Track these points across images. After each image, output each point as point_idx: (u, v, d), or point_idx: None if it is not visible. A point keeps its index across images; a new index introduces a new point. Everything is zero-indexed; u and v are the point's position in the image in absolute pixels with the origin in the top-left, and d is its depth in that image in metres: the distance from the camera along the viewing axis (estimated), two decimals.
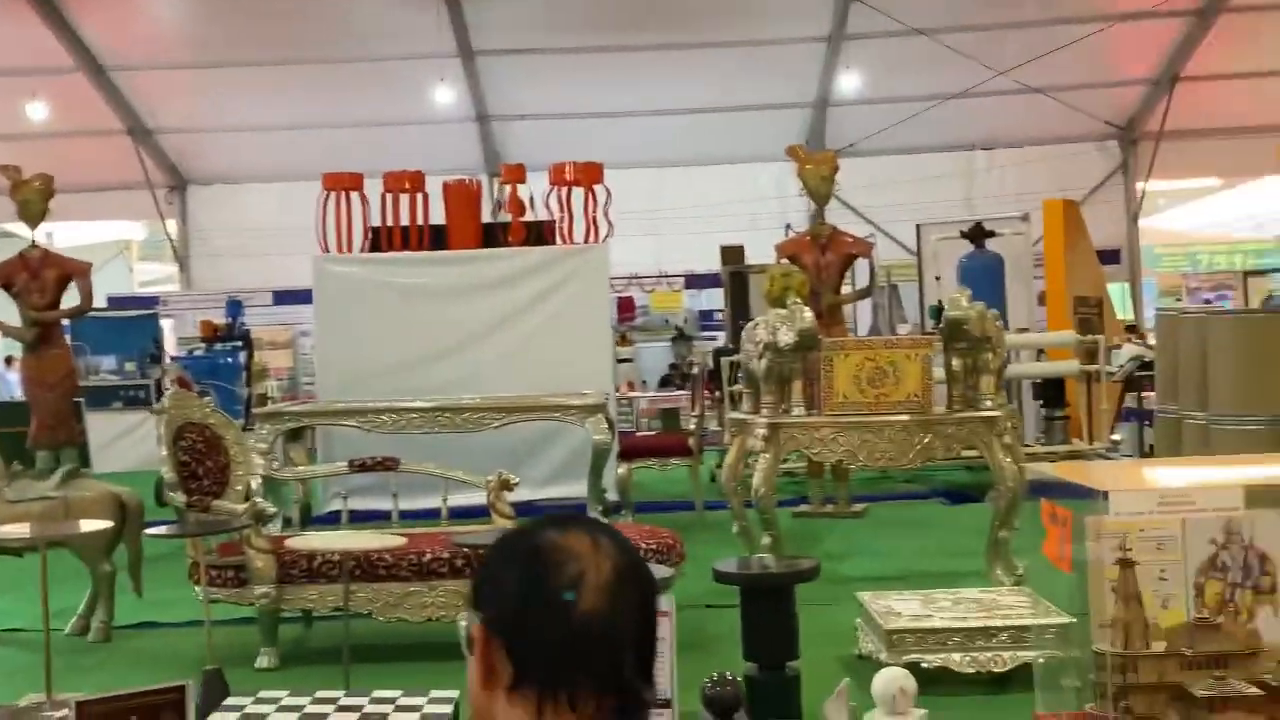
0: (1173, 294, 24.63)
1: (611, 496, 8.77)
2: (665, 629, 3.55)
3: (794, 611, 4.84)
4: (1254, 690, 3.23)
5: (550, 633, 1.46)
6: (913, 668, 5.04)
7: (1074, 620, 5.16)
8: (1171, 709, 3.27)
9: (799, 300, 6.84)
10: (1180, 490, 3.37)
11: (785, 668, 4.80)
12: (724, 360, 10.78)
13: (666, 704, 3.55)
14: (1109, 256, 18.97)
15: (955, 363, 6.53)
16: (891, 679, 3.49)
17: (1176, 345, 8.57)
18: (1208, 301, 20.44)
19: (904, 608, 5.34)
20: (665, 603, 3.56)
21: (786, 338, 6.46)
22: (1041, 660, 5.06)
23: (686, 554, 6.23)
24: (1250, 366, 8.01)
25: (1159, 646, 3.36)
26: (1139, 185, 21.33)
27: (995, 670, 5.08)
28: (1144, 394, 11.84)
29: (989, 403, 6.46)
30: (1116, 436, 12.21)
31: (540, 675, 1.47)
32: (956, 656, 5.06)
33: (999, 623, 5.08)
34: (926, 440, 6.44)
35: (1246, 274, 20.53)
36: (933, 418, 6.44)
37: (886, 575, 7.06)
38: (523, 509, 6.82)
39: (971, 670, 5.07)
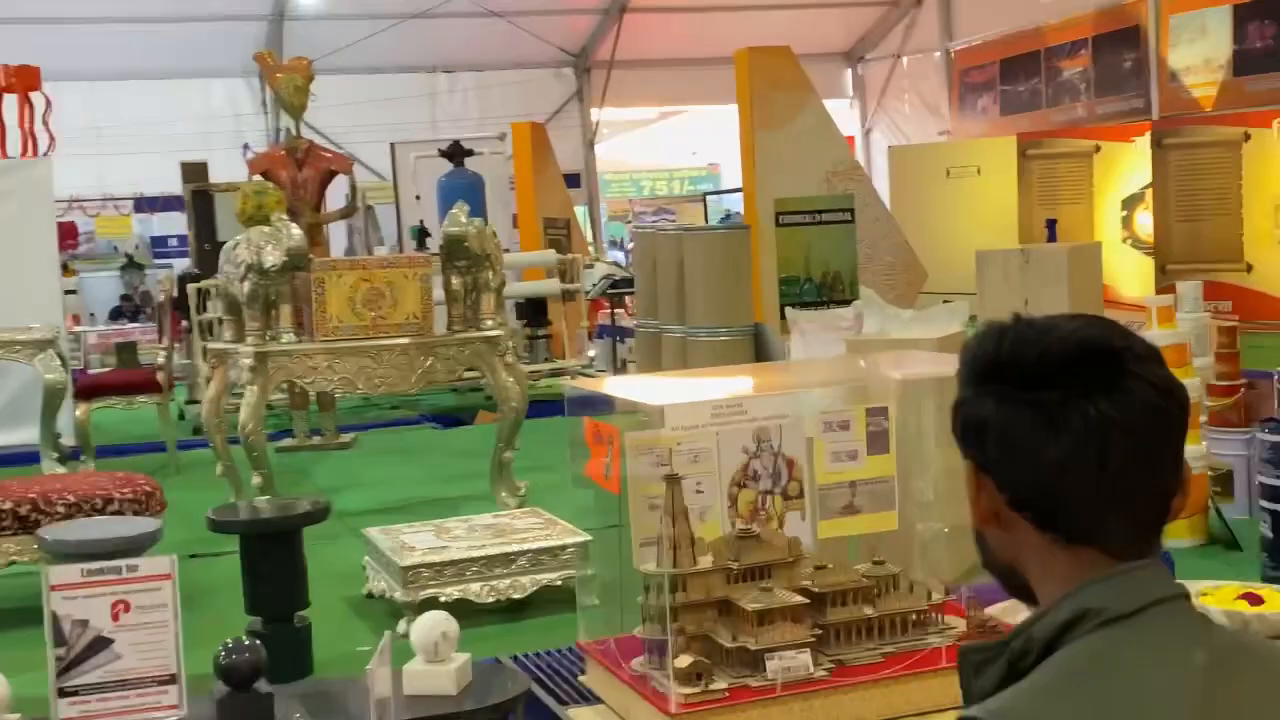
0: (621, 217, 25.70)
1: (68, 441, 7.87)
2: (167, 595, 3.04)
3: (302, 557, 4.41)
4: (798, 599, 3.19)
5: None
6: (431, 603, 4.76)
7: (590, 539, 5.07)
8: (720, 624, 3.17)
9: (283, 217, 6.30)
10: (731, 401, 3.26)
11: (294, 619, 4.37)
12: (191, 288, 9.93)
13: (171, 679, 3.05)
14: (570, 181, 19.42)
15: (455, 282, 6.27)
16: (432, 625, 3.18)
17: (655, 262, 8.75)
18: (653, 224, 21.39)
19: (417, 541, 5.04)
20: (167, 564, 3.05)
21: (273, 258, 5.93)
22: (562, 583, 4.94)
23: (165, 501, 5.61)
24: (722, 281, 8.31)
25: (705, 562, 3.25)
26: (593, 112, 21.95)
27: (515, 597, 4.90)
28: (617, 310, 12.17)
29: (490, 322, 6.26)
30: (591, 353, 12.50)
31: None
32: (476, 587, 4.83)
33: (517, 548, 4.89)
34: (429, 364, 6.17)
35: (704, 195, 21.64)
36: (434, 340, 6.16)
37: (387, 507, 6.74)
38: None
39: (491, 600, 4.85)
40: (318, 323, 6.07)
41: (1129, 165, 15.45)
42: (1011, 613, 3.33)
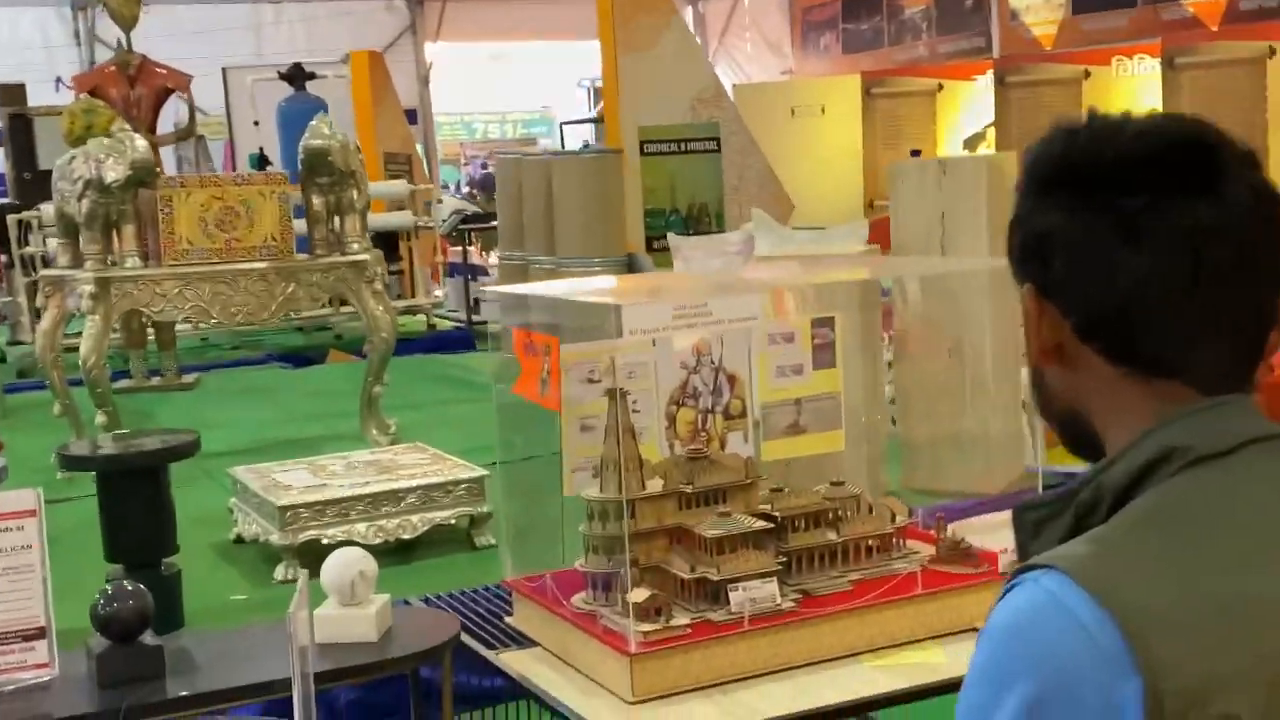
0: (452, 161, 25.12)
1: None
2: (33, 534, 2.58)
3: (169, 496, 3.93)
4: (761, 524, 2.86)
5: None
6: (312, 545, 4.34)
7: (488, 474, 4.70)
8: (674, 554, 2.83)
9: (125, 127, 5.70)
10: (695, 301, 2.90)
11: (162, 565, 3.90)
12: (10, 219, 9.16)
13: (40, 632, 2.59)
14: (407, 117, 18.77)
15: (316, 201, 5.78)
16: (347, 564, 2.77)
17: (520, 190, 8.34)
18: (484, 166, 21.03)
19: (292, 479, 4.60)
20: (31, 499, 2.58)
21: (114, 172, 5.36)
22: (455, 521, 4.56)
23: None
24: (594, 208, 7.94)
25: (655, 486, 2.90)
26: (428, 47, 21.26)
27: (404, 537, 4.49)
28: (468, 248, 11.72)
29: (356, 246, 5.79)
30: (439, 292, 12.04)
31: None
32: (361, 528, 4.41)
33: (405, 484, 4.48)
34: (290, 290, 5.69)
35: (562, 125, 21.17)
36: (296, 264, 5.68)
37: (245, 448, 6.23)
38: None
39: (379, 541, 4.44)
40: (165, 245, 5.53)
41: (971, 104, 15.51)
42: (979, 531, 3.07)
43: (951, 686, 2.67)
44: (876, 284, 4.51)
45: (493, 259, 12.97)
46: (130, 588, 2.66)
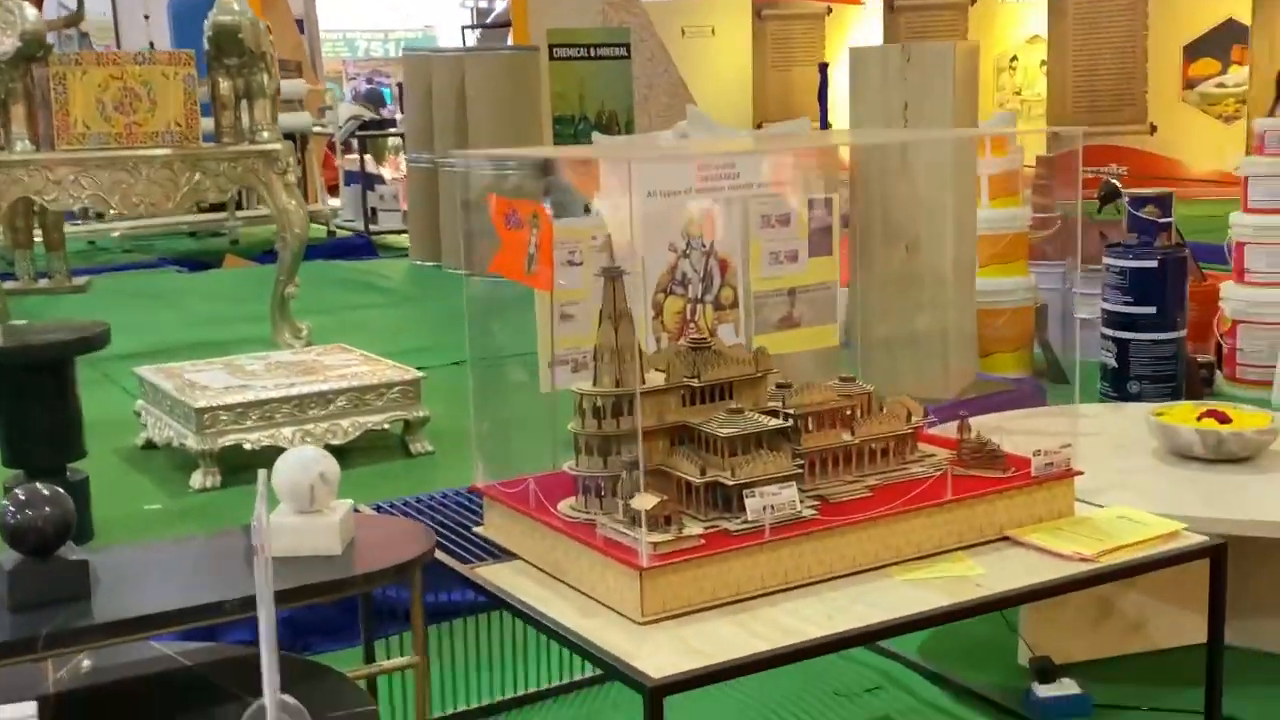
0: (334, 79, 24.11)
1: None
2: None
3: (76, 394, 3.38)
4: (778, 422, 2.44)
5: None
6: (234, 451, 3.82)
7: (424, 376, 4.22)
8: (678, 456, 2.40)
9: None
10: (720, 157, 2.44)
11: (67, 471, 3.36)
12: None
13: None
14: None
15: (224, 85, 5.17)
16: (306, 464, 2.30)
17: (431, 91, 7.74)
18: (370, 81, 20.34)
19: (209, 380, 4.06)
20: None
21: (3, 44, 4.67)
22: (389, 426, 4.07)
23: None
24: (511, 107, 7.39)
25: (657, 379, 2.46)
26: None
27: (333, 443, 4.00)
28: (366, 156, 11.07)
29: (267, 134, 5.20)
30: (335, 202, 11.40)
31: None
32: (287, 432, 3.90)
33: (336, 386, 3.97)
34: (195, 180, 5.09)
35: (463, 28, 20.30)
36: (202, 152, 5.07)
37: (145, 351, 5.63)
38: None
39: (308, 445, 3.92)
40: (59, 129, 4.89)
41: (860, 27, 15.18)
42: (1000, 431, 2.69)
43: (994, 603, 2.30)
44: (836, 175, 4.10)
45: (389, 169, 12.33)
46: (47, 492, 2.15)
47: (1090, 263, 6.19)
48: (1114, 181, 6.59)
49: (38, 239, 7.28)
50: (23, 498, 2.13)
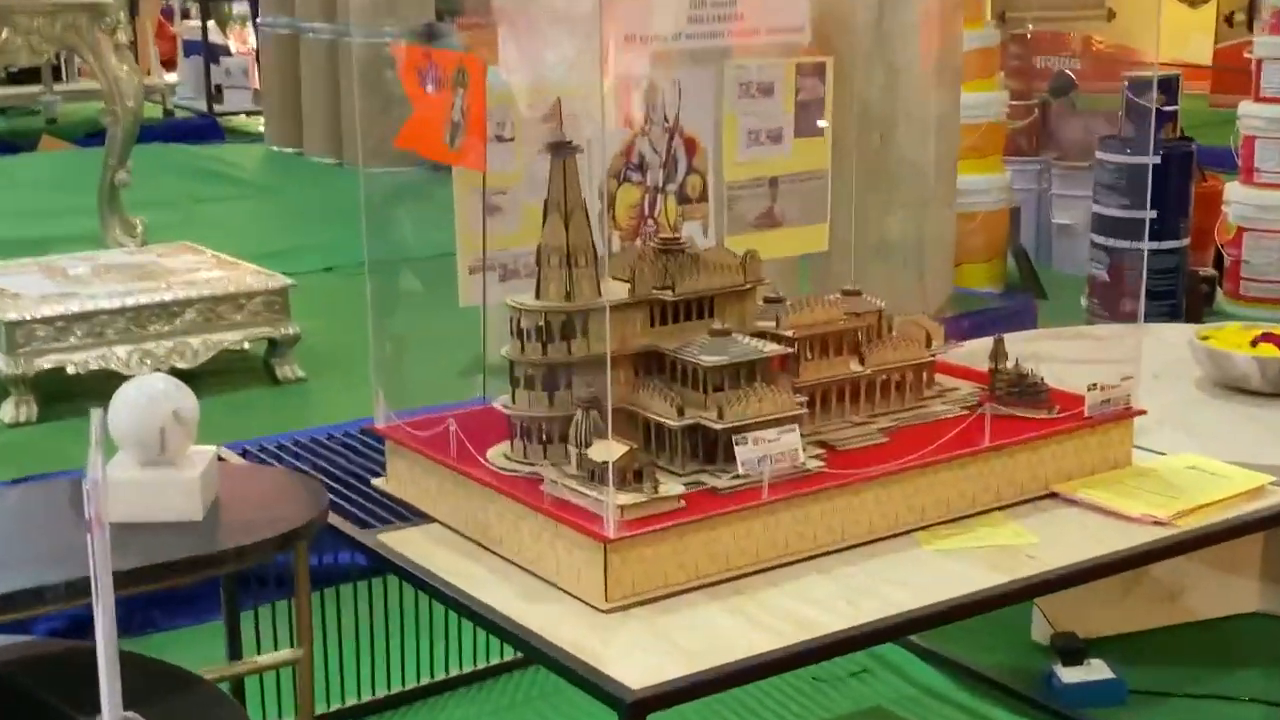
0: None
1: None
2: None
3: None
4: (778, 348, 2.11)
5: None
6: (54, 376, 3.41)
7: (294, 284, 3.82)
8: (645, 391, 2.05)
9: None
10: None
11: None
12: None
13: None
14: None
15: None
16: (154, 399, 1.92)
17: None
18: None
19: (20, 286, 3.64)
20: None
21: None
22: (249, 346, 3.66)
23: None
24: None
25: (619, 290, 2.11)
26: None
27: (180, 366, 3.59)
28: (209, 23, 10.42)
29: None
30: (172, 77, 10.77)
31: None
32: (121, 351, 3.48)
33: (182, 295, 3.56)
34: (4, 38, 4.58)
35: None
36: (12, 3, 4.55)
37: None
38: None
39: (146, 370, 3.52)
40: None
41: None
42: (1034, 359, 2.38)
43: (1055, 582, 2.00)
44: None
45: (234, 40, 11.69)
46: None
47: (1071, 158, 5.95)
48: (1068, 73, 6.34)
49: None
50: None
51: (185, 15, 11.55)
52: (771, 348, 2.11)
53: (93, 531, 1.46)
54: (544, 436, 2.08)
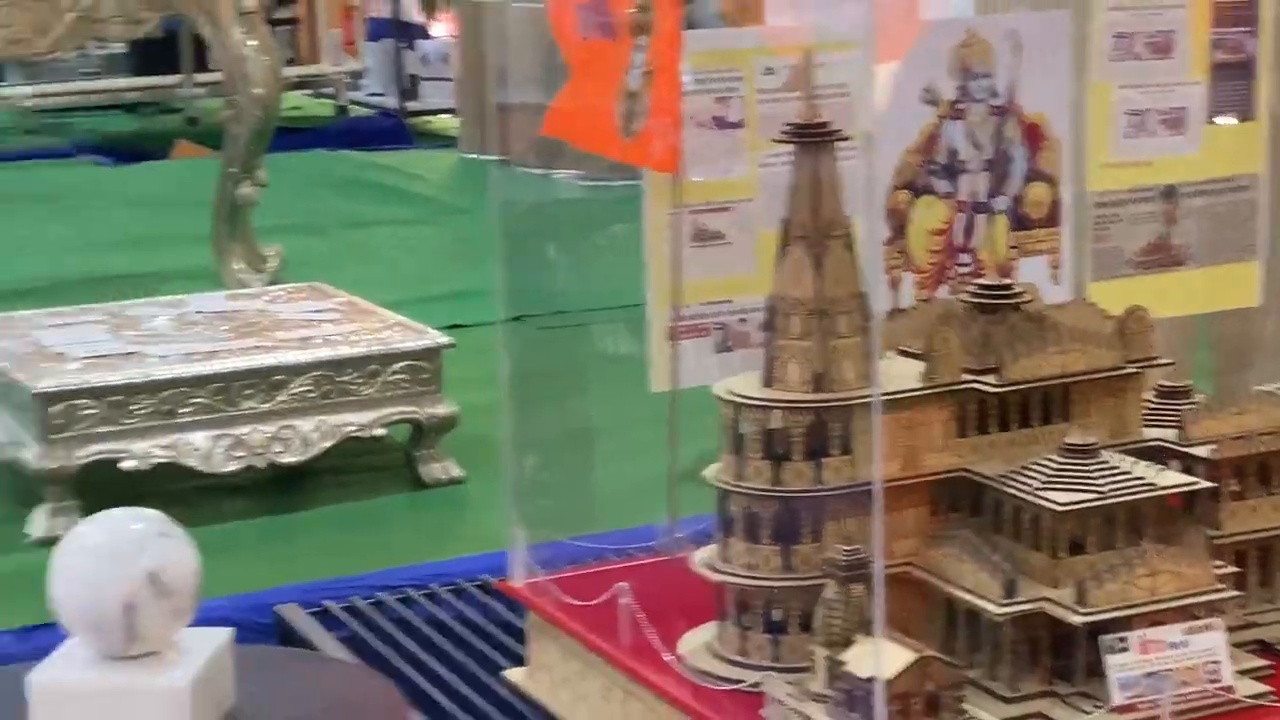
0: None
1: None
2: None
3: None
4: (1176, 478, 1.60)
5: None
6: (103, 470, 3.15)
7: (451, 344, 3.50)
8: (951, 547, 1.56)
9: None
10: None
11: None
12: None
13: None
14: None
15: None
16: (117, 555, 1.60)
17: None
18: None
19: (73, 341, 3.54)
20: None
21: None
22: (387, 433, 3.35)
23: None
24: None
25: (906, 372, 1.64)
26: None
27: (285, 461, 3.33)
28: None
29: None
30: (357, 65, 10.90)
31: None
32: (199, 440, 3.29)
33: (296, 359, 3.37)
34: (88, 5, 4.54)
35: None
36: None
37: (15, 289, 5.25)
38: None
39: (235, 469, 3.38)
40: None
41: None
42: None
43: None
44: None
45: (438, 21, 11.82)
46: None
47: None
48: None
49: None
50: None
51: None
52: (1172, 478, 1.65)
53: None
54: (772, 622, 1.64)
